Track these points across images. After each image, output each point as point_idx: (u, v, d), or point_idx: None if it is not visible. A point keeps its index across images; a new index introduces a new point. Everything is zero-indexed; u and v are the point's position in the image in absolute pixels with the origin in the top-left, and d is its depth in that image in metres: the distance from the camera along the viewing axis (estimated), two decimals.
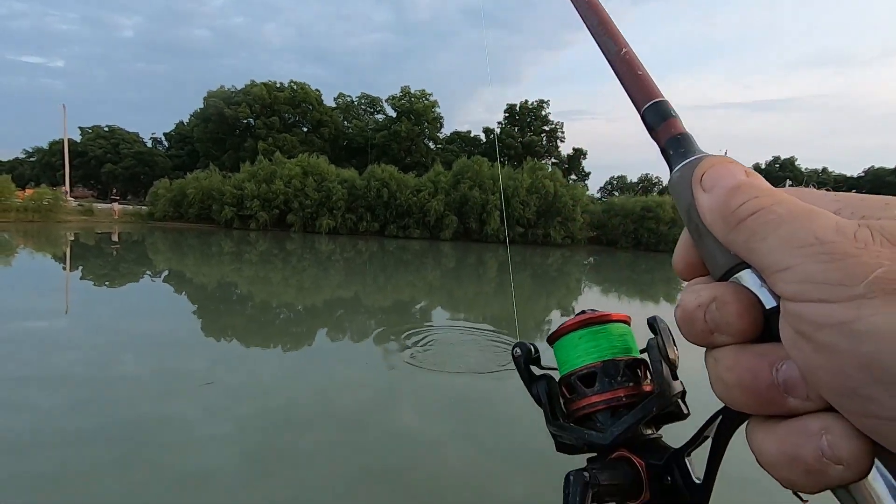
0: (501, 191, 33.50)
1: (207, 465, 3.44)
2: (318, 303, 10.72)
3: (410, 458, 3.72)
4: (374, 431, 4.12)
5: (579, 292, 15.02)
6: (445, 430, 4.25)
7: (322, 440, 3.90)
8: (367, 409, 4.61)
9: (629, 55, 0.38)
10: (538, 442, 3.85)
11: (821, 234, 0.22)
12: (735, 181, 0.26)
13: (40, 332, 6.73)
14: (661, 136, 0.33)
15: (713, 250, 0.28)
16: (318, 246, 24.65)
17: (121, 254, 18.46)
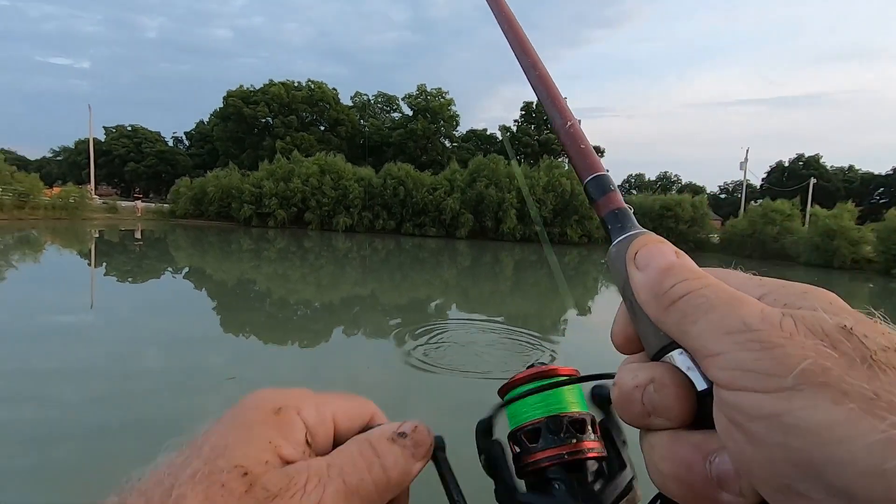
0: (525, 188, 33.32)
1: None
2: (335, 300, 10.79)
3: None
4: None
5: (596, 292, 14.86)
6: (459, 428, 4.24)
7: None
8: (382, 408, 4.62)
9: (574, 128, 0.41)
10: None
11: (748, 320, 0.22)
12: (666, 262, 0.27)
13: (66, 327, 6.91)
14: (602, 208, 0.35)
15: (647, 328, 0.28)
16: (334, 243, 24.84)
17: (143, 250, 18.85)
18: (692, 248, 33.90)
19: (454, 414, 4.57)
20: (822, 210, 28.58)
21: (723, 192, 70.88)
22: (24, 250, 16.67)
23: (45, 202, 30.02)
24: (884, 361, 0.20)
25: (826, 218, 26.88)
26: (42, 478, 3.18)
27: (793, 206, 30.59)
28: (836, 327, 0.21)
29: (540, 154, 45.49)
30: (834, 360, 0.20)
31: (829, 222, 26.46)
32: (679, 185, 66.98)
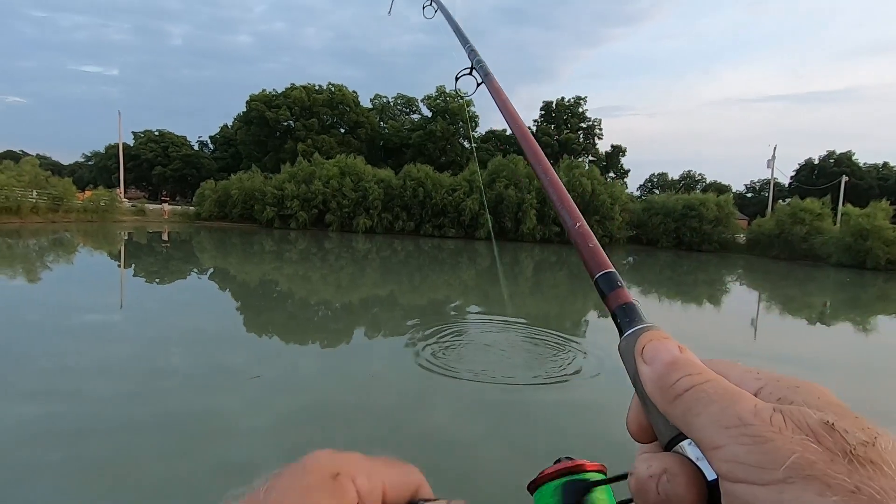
0: (482, 190, 33.12)
1: (248, 456, 3.57)
2: (355, 301, 10.91)
3: (441, 458, 3.74)
4: (408, 430, 4.17)
5: None
6: (477, 431, 4.25)
7: (357, 436, 3.97)
8: (400, 408, 4.67)
9: (583, 228, 0.46)
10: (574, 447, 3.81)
11: (743, 415, 0.24)
12: (671, 357, 0.30)
13: (97, 326, 7.15)
14: (611, 303, 0.38)
15: (657, 419, 0.30)
16: (354, 245, 25.09)
17: (170, 252, 19.35)
18: (717, 248, 33.15)
19: (473, 419, 4.59)
20: (854, 209, 27.67)
21: (749, 190, 69.13)
22: (59, 251, 17.29)
23: (78, 205, 31.05)
24: (863, 456, 0.21)
25: (859, 217, 26.01)
26: (72, 470, 3.31)
27: (823, 205, 29.67)
28: (819, 422, 0.23)
29: (560, 154, 45.13)
30: (818, 454, 0.21)
31: (862, 221, 25.59)
32: (703, 183, 65.61)
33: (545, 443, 4.03)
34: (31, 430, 3.82)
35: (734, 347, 8.06)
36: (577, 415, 4.70)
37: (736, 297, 15.40)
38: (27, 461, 3.38)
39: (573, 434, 4.29)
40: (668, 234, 34.11)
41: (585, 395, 5.18)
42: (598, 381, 5.50)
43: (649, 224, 34.90)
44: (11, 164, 28.52)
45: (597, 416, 4.68)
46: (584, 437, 4.17)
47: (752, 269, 24.79)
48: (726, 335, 9.21)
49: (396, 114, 57.97)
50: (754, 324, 10.78)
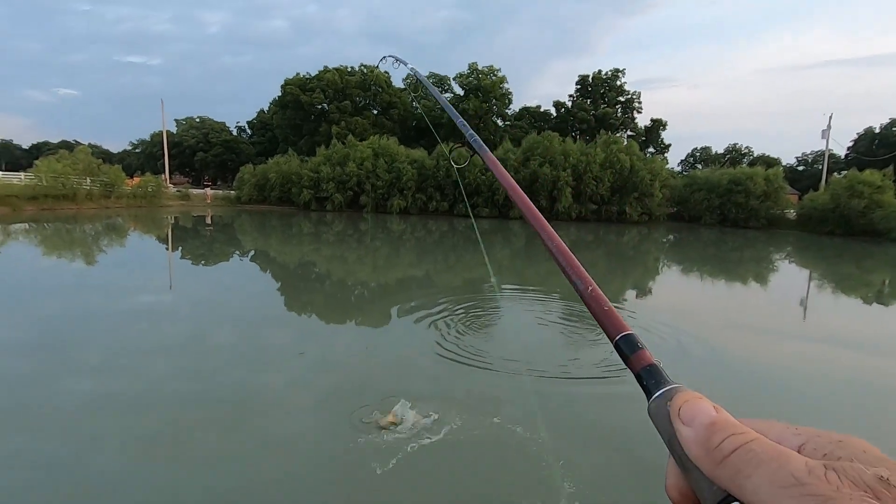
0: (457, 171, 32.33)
1: (293, 430, 3.70)
2: (391, 281, 11.05)
3: (477, 433, 3.78)
4: (444, 408, 4.22)
5: (657, 272, 14.29)
6: (515, 415, 4.26)
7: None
8: (435, 388, 4.72)
9: (595, 292, 0.46)
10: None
11: (798, 475, 0.23)
12: (710, 417, 0.29)
13: (150, 306, 7.53)
14: (635, 364, 0.38)
15: (701, 483, 0.29)
16: (389, 226, 25.31)
17: (214, 235, 20.07)
18: (764, 224, 31.65)
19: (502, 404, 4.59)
20: None
21: (801, 164, 65.26)
22: (112, 236, 18.22)
23: (127, 191, 32.55)
24: None
25: None
26: (132, 440, 3.52)
27: (884, 178, 27.71)
28: (875, 478, 0.22)
29: (596, 129, 43.76)
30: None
31: None
32: (750, 157, 62.34)
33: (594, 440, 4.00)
34: (94, 402, 4.09)
35: (782, 328, 7.73)
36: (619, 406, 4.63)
37: (785, 276, 14.71)
38: (92, 431, 3.62)
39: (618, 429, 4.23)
40: (712, 210, 32.77)
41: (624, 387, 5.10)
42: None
43: (691, 200, 33.60)
44: (66, 153, 30.04)
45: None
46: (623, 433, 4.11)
47: (804, 246, 23.57)
48: (773, 315, 8.84)
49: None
50: (804, 303, 10.28)
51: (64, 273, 10.43)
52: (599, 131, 38.86)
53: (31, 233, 17.89)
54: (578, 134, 47.25)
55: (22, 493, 2.91)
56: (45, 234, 17.77)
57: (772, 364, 5.72)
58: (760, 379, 5.23)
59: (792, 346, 6.63)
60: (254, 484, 3.04)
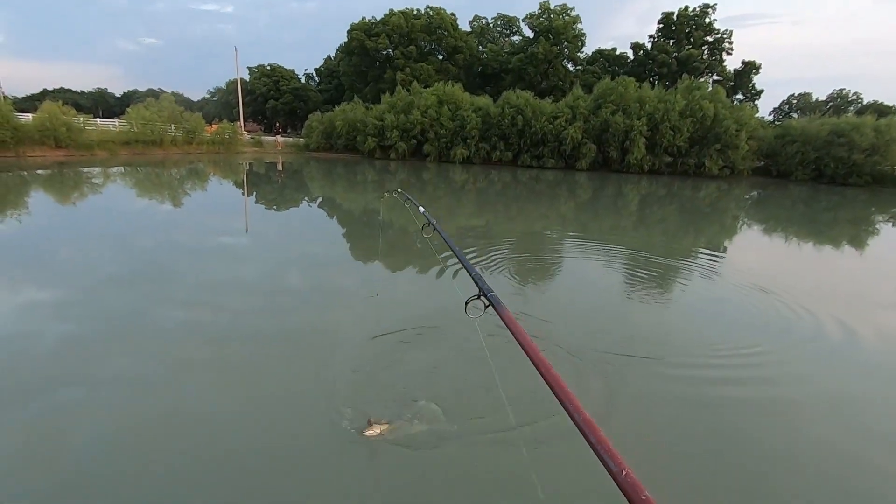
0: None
1: (359, 364, 3.94)
2: (452, 230, 11.11)
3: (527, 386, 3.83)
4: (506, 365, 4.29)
5: (735, 231, 13.34)
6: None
7: (448, 355, 4.19)
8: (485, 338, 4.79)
9: (630, 477, 0.46)
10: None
11: None
12: None
13: (230, 248, 8.11)
14: None
15: None
16: (451, 175, 25.19)
17: (284, 181, 20.96)
18: (868, 182, 28.37)
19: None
20: None
21: None
22: (195, 180, 19.52)
23: (207, 138, 34.43)
24: None
25: None
26: (216, 368, 3.91)
27: None
28: None
29: (678, 74, 40.27)
30: None
31: None
32: (859, 104, 55.19)
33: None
34: (182, 332, 4.54)
35: (881, 299, 7.05)
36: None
37: (888, 240, 13.27)
38: (182, 357, 4.05)
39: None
40: (806, 165, 29.71)
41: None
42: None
43: (782, 154, 30.58)
44: (153, 101, 32.03)
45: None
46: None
47: None
48: (868, 284, 8.07)
49: (496, 36, 55.00)
50: None
51: (155, 214, 11.39)
52: (681, 76, 35.71)
53: (127, 175, 19.55)
54: (657, 79, 43.73)
55: (123, 409, 3.34)
56: (138, 177, 19.35)
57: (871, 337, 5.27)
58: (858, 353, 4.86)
59: (887, 316, 6.05)
60: (328, 411, 3.30)
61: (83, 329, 4.55)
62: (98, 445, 2.94)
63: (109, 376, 3.70)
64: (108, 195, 14.28)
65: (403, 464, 2.88)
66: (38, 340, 4.22)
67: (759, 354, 4.55)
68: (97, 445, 2.94)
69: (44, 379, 3.62)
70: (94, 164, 22.68)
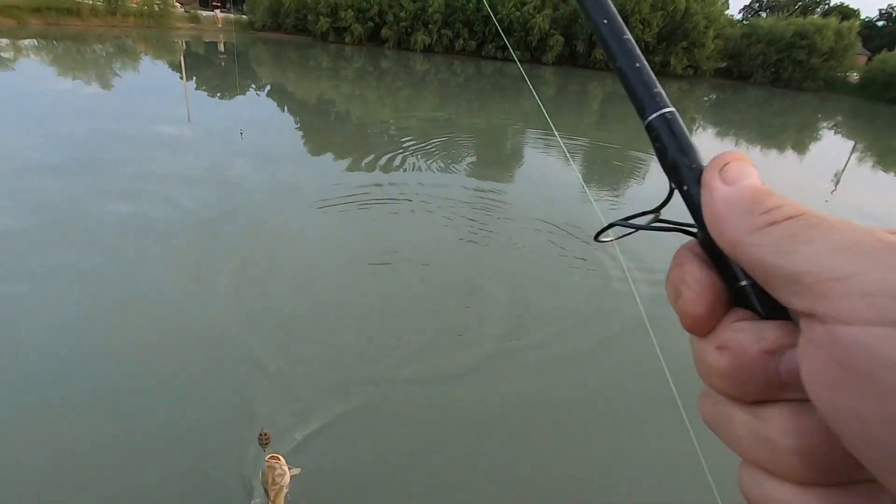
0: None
1: (314, 263, 3.98)
2: (413, 124, 10.74)
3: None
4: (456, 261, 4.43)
5: (692, 134, 13.55)
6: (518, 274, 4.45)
7: (405, 261, 4.29)
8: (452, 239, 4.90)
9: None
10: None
11: (880, 236, 0.18)
12: (761, 185, 0.23)
13: (170, 138, 7.56)
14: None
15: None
16: (412, 65, 23.72)
17: (228, 66, 19.13)
18: (821, 87, 28.96)
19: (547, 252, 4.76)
20: None
21: (883, 17, 56.88)
22: (124, 59, 17.47)
23: (133, 9, 30.20)
24: None
25: None
26: (166, 259, 3.85)
27: None
28: None
29: None
30: None
31: None
32: (826, 6, 54.20)
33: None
34: (129, 225, 4.37)
35: (806, 200, 7.57)
36: None
37: (826, 146, 13.92)
38: (133, 251, 3.94)
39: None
40: (767, 67, 29.76)
41: None
42: None
43: (746, 55, 30.36)
44: None
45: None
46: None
47: (857, 114, 21.85)
48: (801, 186, 8.60)
49: None
50: (837, 176, 9.89)
51: (82, 96, 10.28)
52: None
53: (42, 50, 17.21)
54: None
55: (70, 303, 3.29)
56: (56, 52, 17.10)
57: None
58: None
59: None
60: (281, 300, 3.38)
61: (19, 222, 4.29)
62: (52, 333, 2.93)
63: (51, 265, 3.59)
64: (22, 73, 12.65)
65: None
66: None
67: None
68: (50, 334, 2.93)
69: None
70: (0, 35, 19.74)
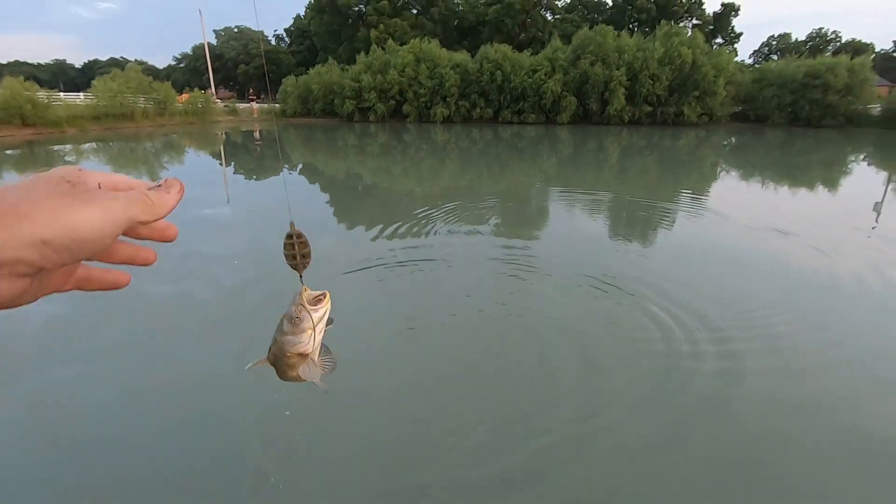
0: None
1: (350, 333, 4.12)
2: (436, 191, 11.18)
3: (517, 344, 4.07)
4: (492, 311, 4.51)
5: (714, 178, 13.59)
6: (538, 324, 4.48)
7: (435, 321, 4.39)
8: (473, 295, 5.00)
9: None
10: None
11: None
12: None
13: (211, 218, 8.11)
14: None
15: None
16: (433, 136, 24.92)
17: (263, 150, 20.58)
18: (842, 123, 28.71)
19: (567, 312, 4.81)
20: None
21: None
22: (171, 153, 19.08)
23: (179, 108, 33.31)
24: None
25: None
26: (204, 331, 4.06)
27: None
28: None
29: (657, 19, 39.56)
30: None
31: None
32: (837, 44, 54.90)
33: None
34: (173, 301, 4.66)
35: (847, 235, 7.38)
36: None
37: (858, 179, 13.65)
38: (173, 322, 4.19)
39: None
40: (783, 108, 29.89)
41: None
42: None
43: (759, 98, 30.68)
44: (118, 71, 30.68)
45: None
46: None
47: (885, 146, 21.42)
48: (840, 221, 8.40)
49: None
50: (878, 208, 9.63)
51: None
52: (660, 22, 35.13)
53: (100, 151, 19.02)
54: (637, 25, 42.98)
55: (123, 379, 3.50)
56: (112, 152, 18.84)
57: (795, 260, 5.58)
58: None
59: (861, 245, 6.38)
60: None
61: (69, 309, 4.64)
62: (101, 411, 3.11)
63: (112, 341, 3.84)
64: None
65: None
66: (28, 319, 4.31)
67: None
68: (98, 411, 3.11)
69: (39, 353, 3.75)
70: (65, 142, 21.97)
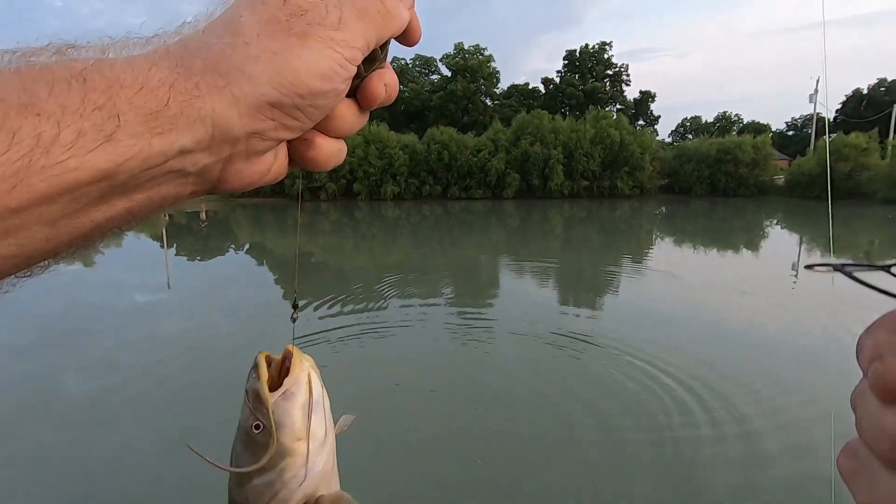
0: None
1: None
2: (389, 264, 11.18)
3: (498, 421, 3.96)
4: (457, 396, 4.39)
5: (651, 244, 14.47)
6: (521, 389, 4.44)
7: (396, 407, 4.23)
8: (441, 372, 4.89)
9: None
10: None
11: None
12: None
13: (149, 305, 7.65)
14: None
15: None
16: (384, 213, 25.36)
17: (209, 231, 20.09)
18: (754, 192, 31.87)
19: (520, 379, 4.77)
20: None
21: (791, 128, 65.40)
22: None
23: None
24: None
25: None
26: (147, 429, 3.68)
27: (869, 140, 27.87)
28: None
29: (585, 105, 43.63)
30: None
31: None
32: (740, 125, 62.29)
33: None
34: (99, 396, 4.23)
35: (773, 294, 7.94)
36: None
37: (775, 241, 14.96)
38: (94, 420, 3.78)
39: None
40: (702, 181, 32.95)
41: None
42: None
43: (681, 172, 33.76)
44: None
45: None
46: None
47: (792, 212, 23.84)
48: (764, 281, 9.06)
49: (416, 76, 56.84)
50: (795, 267, 10.51)
51: (61, 275, 10.48)
52: (588, 107, 38.78)
53: None
54: (568, 110, 47.04)
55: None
56: None
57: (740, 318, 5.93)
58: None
59: (788, 306, 6.84)
60: None
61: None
62: None
63: (29, 448, 3.38)
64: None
65: None
66: None
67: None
68: None
69: None
70: None
